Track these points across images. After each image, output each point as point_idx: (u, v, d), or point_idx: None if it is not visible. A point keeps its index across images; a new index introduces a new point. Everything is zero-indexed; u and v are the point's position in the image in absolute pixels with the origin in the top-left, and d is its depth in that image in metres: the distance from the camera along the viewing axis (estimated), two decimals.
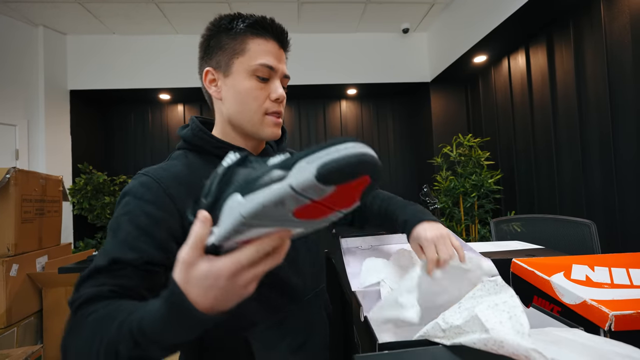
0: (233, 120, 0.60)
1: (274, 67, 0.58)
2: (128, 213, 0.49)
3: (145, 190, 0.51)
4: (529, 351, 0.30)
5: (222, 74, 0.59)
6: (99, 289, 0.43)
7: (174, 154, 0.61)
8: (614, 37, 1.80)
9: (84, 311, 0.41)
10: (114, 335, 0.36)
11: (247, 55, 0.57)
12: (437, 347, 0.40)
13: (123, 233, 0.48)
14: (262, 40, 0.58)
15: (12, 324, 1.64)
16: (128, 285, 0.45)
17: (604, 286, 0.53)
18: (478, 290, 0.41)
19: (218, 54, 0.58)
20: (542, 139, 2.36)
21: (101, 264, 0.45)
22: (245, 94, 0.57)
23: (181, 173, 0.55)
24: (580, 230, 1.32)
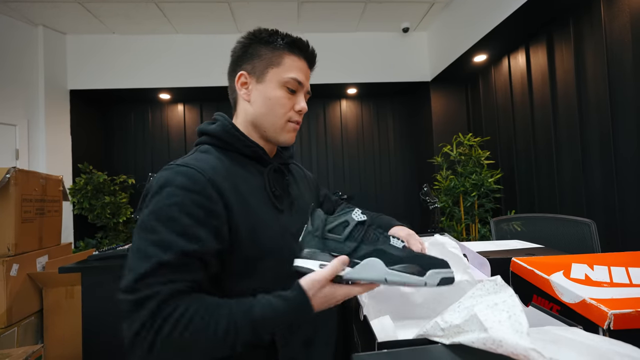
0: (257, 121, 0.65)
1: (302, 83, 0.65)
2: (177, 204, 0.50)
3: (190, 181, 0.52)
4: (528, 350, 0.30)
5: (255, 79, 0.65)
6: (174, 286, 0.46)
7: (202, 147, 0.64)
8: (614, 36, 1.80)
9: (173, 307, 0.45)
10: (232, 326, 0.45)
11: (282, 67, 0.64)
12: (436, 346, 0.40)
13: (179, 225, 0.49)
14: (296, 58, 0.65)
15: (12, 323, 1.64)
16: (197, 279, 0.49)
17: (603, 285, 0.53)
18: (477, 289, 0.41)
19: (255, 61, 0.65)
20: (542, 138, 2.36)
21: (166, 258, 0.46)
22: (274, 101, 0.64)
23: (216, 164, 0.57)
24: (580, 229, 1.31)
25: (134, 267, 0.47)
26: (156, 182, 0.53)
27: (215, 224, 0.52)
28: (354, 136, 3.72)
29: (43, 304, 1.81)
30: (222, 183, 0.54)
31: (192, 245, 0.48)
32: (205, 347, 0.45)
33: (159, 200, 0.51)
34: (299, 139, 3.64)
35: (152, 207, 0.51)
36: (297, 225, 0.64)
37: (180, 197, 0.50)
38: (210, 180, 0.53)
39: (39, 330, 1.80)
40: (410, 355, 0.39)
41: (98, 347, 1.50)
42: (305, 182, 0.80)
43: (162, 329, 0.44)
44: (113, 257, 1.61)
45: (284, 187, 0.68)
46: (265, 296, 0.49)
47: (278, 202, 0.64)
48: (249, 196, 0.58)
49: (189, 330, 0.44)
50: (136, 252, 0.48)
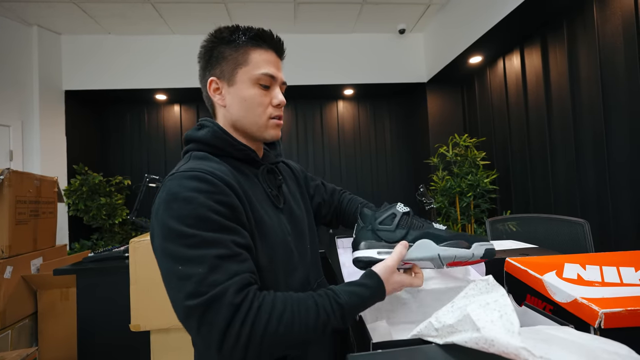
0: (238, 124, 0.64)
1: (274, 76, 0.63)
2: (202, 205, 0.48)
3: (203, 183, 0.51)
4: (519, 349, 0.31)
5: (226, 83, 0.63)
6: (242, 277, 0.46)
7: (197, 154, 0.61)
8: (607, 38, 1.83)
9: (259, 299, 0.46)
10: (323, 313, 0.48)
11: (250, 65, 0.61)
12: (430, 346, 0.41)
13: (214, 223, 0.48)
14: (263, 51, 0.62)
15: (6, 326, 1.63)
16: (253, 269, 0.50)
17: (595, 284, 0.54)
18: (470, 289, 0.42)
19: (222, 64, 0.62)
20: (536, 139, 2.38)
21: (224, 252, 0.47)
22: (250, 101, 0.62)
23: (221, 168, 0.56)
24: (574, 229, 1.33)
25: (188, 274, 0.44)
26: (167, 192, 0.50)
27: (240, 217, 0.53)
28: (350, 137, 3.73)
29: (37, 307, 1.80)
30: (232, 182, 0.55)
31: (234, 236, 0.49)
32: (299, 335, 0.46)
33: (180, 207, 0.48)
34: (296, 139, 3.64)
35: (175, 216, 0.48)
36: (288, 222, 0.66)
37: (201, 199, 0.49)
38: (224, 181, 0.53)
39: (33, 332, 1.79)
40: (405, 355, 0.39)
41: (93, 350, 1.49)
42: (294, 180, 0.80)
43: (257, 322, 0.43)
44: (109, 259, 1.60)
45: (278, 187, 0.69)
46: (345, 286, 0.53)
47: (277, 201, 0.65)
48: (252, 197, 0.59)
49: (284, 321, 0.45)
50: (183, 261, 0.46)
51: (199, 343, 0.46)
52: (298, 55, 3.21)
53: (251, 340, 0.42)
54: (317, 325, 0.47)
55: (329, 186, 0.89)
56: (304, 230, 0.70)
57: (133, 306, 1.26)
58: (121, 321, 1.37)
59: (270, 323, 0.44)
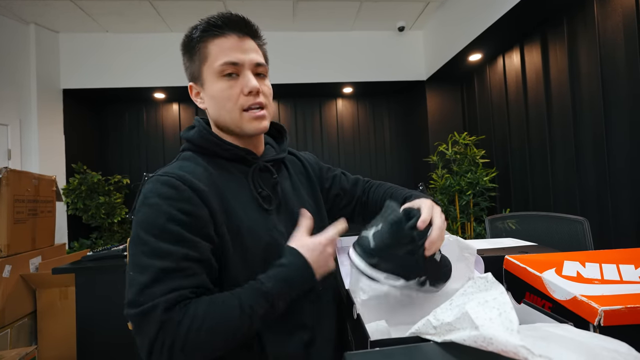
0: (219, 123, 0.62)
1: (237, 62, 0.58)
2: (163, 213, 0.49)
3: (172, 190, 0.51)
4: (518, 348, 0.30)
5: (200, 85, 0.61)
6: (178, 293, 0.46)
7: (184, 154, 0.62)
8: (607, 35, 1.82)
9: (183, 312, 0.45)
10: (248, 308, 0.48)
11: (210, 59, 0.58)
12: (428, 343, 0.40)
13: (169, 233, 0.48)
14: (220, 39, 0.58)
15: (5, 325, 1.63)
16: (201, 284, 0.49)
17: (594, 282, 0.54)
18: (469, 287, 0.42)
19: (190, 67, 0.61)
20: (536, 137, 2.38)
21: (169, 266, 0.47)
22: (219, 97, 0.59)
23: (197, 171, 0.56)
24: (574, 227, 1.33)
25: (133, 281, 0.47)
26: (142, 194, 0.52)
27: (203, 227, 0.52)
28: (350, 135, 3.72)
29: (37, 305, 1.80)
30: (203, 189, 0.53)
31: (187, 249, 0.49)
32: (224, 336, 0.47)
33: (145, 212, 0.50)
34: (295, 137, 3.64)
35: (140, 220, 0.50)
36: (284, 223, 0.62)
37: (164, 207, 0.50)
38: (192, 187, 0.52)
39: (32, 331, 1.79)
40: (403, 353, 0.39)
41: (92, 348, 1.49)
42: (303, 175, 0.74)
43: (177, 335, 0.44)
44: (107, 258, 1.60)
45: (273, 186, 0.64)
46: (270, 273, 0.53)
47: (265, 202, 0.61)
48: (233, 200, 0.57)
49: (204, 327, 0.46)
50: (133, 267, 0.48)
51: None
52: (297, 53, 3.20)
53: (174, 350, 0.44)
54: (242, 322, 0.48)
55: (351, 176, 0.81)
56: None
57: None
58: (120, 319, 1.37)
59: (190, 331, 0.45)
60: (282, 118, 3.63)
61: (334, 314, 0.67)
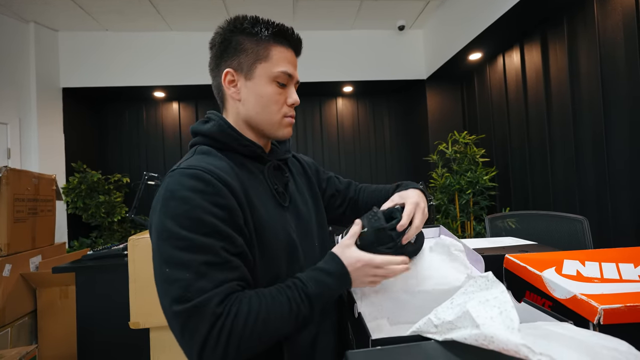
0: (252, 120, 0.63)
1: (292, 75, 0.63)
2: (198, 207, 0.49)
3: (201, 183, 0.51)
4: (519, 346, 0.31)
5: (244, 77, 0.61)
6: (229, 285, 0.48)
7: (201, 148, 0.61)
8: (607, 34, 1.82)
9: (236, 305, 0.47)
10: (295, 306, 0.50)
11: (271, 61, 0.60)
12: (429, 342, 0.41)
13: (207, 226, 0.48)
14: (284, 49, 0.62)
15: (5, 324, 1.63)
16: (244, 276, 0.51)
17: (594, 281, 0.54)
18: (470, 286, 0.42)
19: (241, 56, 0.60)
20: (536, 136, 2.38)
21: (212, 259, 0.47)
22: (267, 98, 0.61)
23: (221, 164, 0.56)
24: (573, 226, 1.33)
25: (173, 277, 0.46)
26: (165, 189, 0.51)
27: (236, 220, 0.52)
28: (350, 134, 3.72)
29: (37, 304, 1.80)
30: (232, 183, 0.53)
31: (226, 243, 0.49)
32: (276, 331, 0.49)
33: (176, 206, 0.49)
34: (296, 136, 3.64)
35: (171, 215, 0.48)
36: (293, 220, 0.65)
37: (197, 200, 0.49)
38: (221, 180, 0.52)
39: (33, 330, 1.79)
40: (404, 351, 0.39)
41: (93, 347, 1.49)
42: (303, 176, 0.78)
43: (234, 328, 0.45)
44: (108, 257, 1.60)
45: (284, 184, 0.67)
46: (309, 272, 0.54)
47: (282, 199, 0.64)
48: (255, 195, 0.58)
49: (260, 321, 0.47)
50: (168, 264, 0.47)
51: (181, 346, 0.47)
52: None
53: (230, 344, 0.45)
54: (290, 318, 0.50)
55: (343, 179, 0.87)
56: (311, 229, 0.68)
57: (132, 304, 1.26)
58: (120, 319, 1.37)
59: (247, 326, 0.46)
60: None
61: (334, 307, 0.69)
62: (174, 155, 3.46)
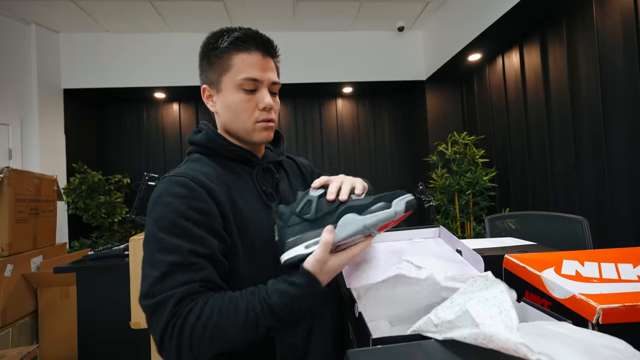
0: (229, 129, 0.66)
1: (258, 79, 0.62)
2: (175, 210, 0.53)
3: (184, 189, 0.55)
4: (518, 345, 0.31)
5: (215, 90, 0.65)
6: (188, 287, 0.49)
7: (193, 156, 0.66)
8: (606, 35, 1.83)
9: (190, 306, 0.48)
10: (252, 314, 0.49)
11: (232, 71, 0.62)
12: (429, 341, 0.41)
13: (180, 228, 0.52)
14: (245, 55, 0.62)
15: (7, 324, 1.63)
16: (209, 279, 0.52)
17: (593, 281, 0.54)
18: (469, 285, 0.42)
19: (209, 72, 0.65)
20: (535, 136, 2.38)
21: (177, 260, 0.50)
22: (235, 107, 0.63)
23: (208, 171, 0.60)
24: (573, 227, 1.33)
25: (146, 274, 0.51)
26: (155, 194, 0.56)
27: (213, 224, 0.55)
28: (349, 135, 3.73)
29: (38, 305, 1.80)
30: (213, 187, 0.57)
31: (196, 245, 0.52)
32: (229, 337, 0.49)
33: (159, 210, 0.54)
34: (295, 137, 3.64)
35: (153, 218, 0.54)
36: None
37: (177, 204, 0.53)
38: (203, 186, 0.56)
39: (34, 330, 1.79)
40: (405, 350, 0.40)
41: (93, 347, 1.49)
42: (299, 176, 0.79)
43: (184, 328, 0.47)
44: (108, 257, 1.60)
45: (275, 186, 0.69)
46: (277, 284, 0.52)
47: (269, 200, 0.65)
48: (240, 197, 0.61)
49: (210, 325, 0.48)
50: (146, 263, 0.52)
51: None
52: (297, 53, 3.20)
53: (181, 344, 0.47)
54: (246, 326, 0.49)
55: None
56: None
57: (133, 304, 1.27)
58: (121, 318, 1.38)
59: (195, 328, 0.48)
60: (282, 118, 3.64)
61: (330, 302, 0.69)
62: (174, 156, 3.46)
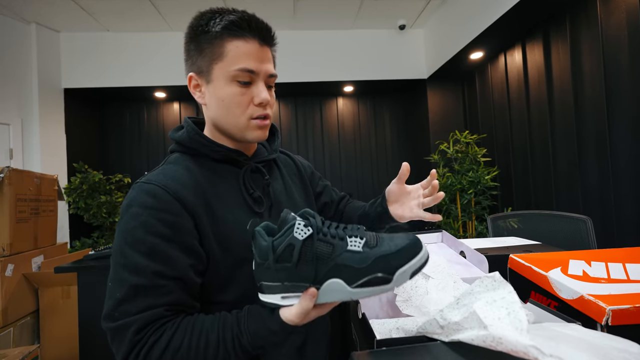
0: (218, 125, 0.59)
1: (254, 70, 0.55)
2: (143, 224, 0.47)
3: (154, 199, 0.49)
4: (528, 348, 0.30)
5: (204, 80, 0.57)
6: (152, 312, 0.45)
7: (171, 157, 0.60)
8: (610, 32, 1.81)
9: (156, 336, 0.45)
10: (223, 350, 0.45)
11: (226, 60, 0.54)
12: (435, 343, 0.40)
13: (146, 246, 0.47)
14: (241, 42, 0.54)
15: (8, 324, 1.63)
16: (176, 301, 0.47)
17: (601, 281, 0.54)
18: (476, 286, 0.41)
19: (198, 59, 0.56)
20: (538, 135, 2.37)
21: (139, 282, 0.45)
22: (227, 101, 0.55)
23: (182, 176, 0.53)
24: (577, 226, 1.32)
25: (110, 294, 0.47)
26: (125, 201, 0.51)
27: (185, 239, 0.49)
28: (350, 134, 3.72)
29: (39, 304, 1.80)
30: (187, 196, 0.51)
31: (163, 266, 0.47)
32: None
33: (127, 221, 0.49)
34: (296, 136, 3.63)
35: (121, 228, 0.49)
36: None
37: (144, 217, 0.48)
38: (175, 195, 0.50)
39: (35, 330, 1.79)
40: (410, 352, 0.39)
41: (95, 347, 1.49)
42: (297, 176, 0.74)
43: (149, 358, 0.44)
44: (109, 257, 1.59)
45: (263, 188, 0.62)
46: (251, 323, 0.46)
47: (257, 205, 0.59)
48: (220, 204, 0.55)
49: (177, 357, 0.44)
50: (112, 278, 0.48)
51: None
52: (297, 52, 3.19)
53: None
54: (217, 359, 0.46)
55: (337, 191, 0.85)
56: None
57: None
58: None
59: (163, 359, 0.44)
60: (283, 117, 3.63)
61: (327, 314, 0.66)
62: None
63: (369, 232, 0.46)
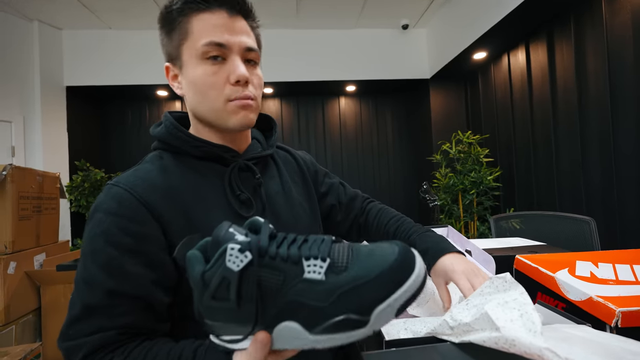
0: (196, 114, 0.53)
1: (223, 43, 0.48)
2: (104, 233, 0.43)
3: (118, 204, 0.44)
4: (542, 350, 0.30)
5: (178, 67, 0.52)
6: (103, 335, 0.40)
7: (148, 156, 0.54)
8: (615, 33, 1.80)
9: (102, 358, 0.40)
10: None
11: (192, 37, 0.48)
12: (445, 344, 0.40)
13: (103, 258, 0.42)
14: (206, 14, 0.48)
15: (10, 321, 1.63)
16: (135, 324, 0.42)
17: (609, 282, 0.53)
18: (486, 287, 0.41)
19: (168, 45, 0.52)
20: (541, 135, 2.36)
21: (92, 301, 0.41)
22: (200, 83, 0.49)
23: (155, 178, 0.48)
24: (580, 227, 1.32)
25: (70, 307, 0.42)
26: (94, 204, 0.46)
27: (150, 250, 0.44)
28: (352, 134, 3.72)
29: (41, 302, 1.80)
30: (157, 200, 0.46)
31: (120, 283, 0.41)
32: None
33: (90, 228, 0.44)
34: (298, 136, 3.63)
35: (85, 236, 0.44)
36: None
37: (106, 224, 0.43)
38: (142, 200, 0.45)
39: (37, 328, 1.79)
40: (420, 353, 0.39)
41: None
42: (297, 173, 0.66)
43: None
44: None
45: (254, 188, 0.55)
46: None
47: (244, 208, 0.52)
48: (201, 208, 0.49)
49: None
50: (73, 291, 0.44)
51: None
52: (300, 51, 3.19)
53: None
54: None
55: (350, 189, 0.73)
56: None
57: None
58: None
59: None
60: (284, 116, 3.62)
61: None
62: None
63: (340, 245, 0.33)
